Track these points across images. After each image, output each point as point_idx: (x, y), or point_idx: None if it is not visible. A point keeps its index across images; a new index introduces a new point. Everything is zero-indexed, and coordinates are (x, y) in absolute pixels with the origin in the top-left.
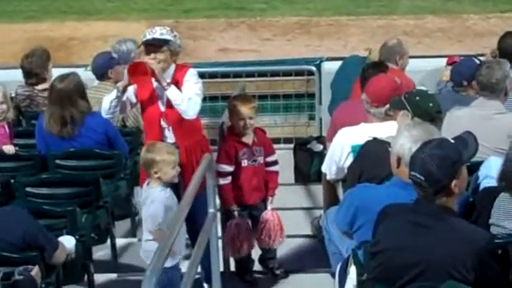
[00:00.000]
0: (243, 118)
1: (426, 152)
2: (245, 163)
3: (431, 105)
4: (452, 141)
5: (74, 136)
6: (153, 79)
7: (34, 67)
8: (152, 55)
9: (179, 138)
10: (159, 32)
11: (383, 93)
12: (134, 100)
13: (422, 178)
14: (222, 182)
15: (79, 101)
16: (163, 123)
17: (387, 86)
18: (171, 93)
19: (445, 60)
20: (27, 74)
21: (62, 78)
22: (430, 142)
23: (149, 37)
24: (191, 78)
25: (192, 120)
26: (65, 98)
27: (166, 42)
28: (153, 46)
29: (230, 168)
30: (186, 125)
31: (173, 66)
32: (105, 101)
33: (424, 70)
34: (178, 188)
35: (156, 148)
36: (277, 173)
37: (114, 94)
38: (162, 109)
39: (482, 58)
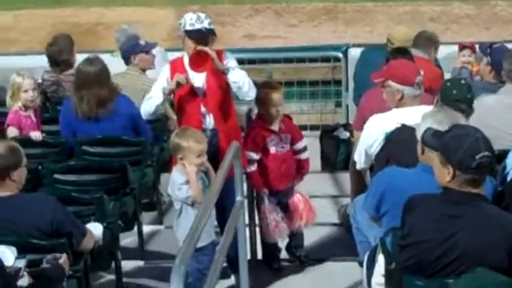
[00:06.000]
0: (276, 105)
1: (479, 132)
2: (273, 150)
3: (455, 92)
4: None
5: (105, 117)
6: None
7: (61, 54)
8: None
9: (218, 123)
10: (207, 21)
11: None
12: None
13: (490, 154)
14: (249, 169)
15: (110, 82)
16: (203, 110)
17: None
18: (233, 76)
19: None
20: (54, 62)
21: (90, 61)
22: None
23: (198, 26)
24: (232, 61)
25: (229, 105)
26: (101, 79)
27: (214, 32)
28: (205, 35)
29: (256, 156)
30: (224, 110)
31: None
32: (149, 105)
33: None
34: (207, 175)
35: (185, 134)
36: (308, 160)
37: (158, 99)
38: (201, 96)
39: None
